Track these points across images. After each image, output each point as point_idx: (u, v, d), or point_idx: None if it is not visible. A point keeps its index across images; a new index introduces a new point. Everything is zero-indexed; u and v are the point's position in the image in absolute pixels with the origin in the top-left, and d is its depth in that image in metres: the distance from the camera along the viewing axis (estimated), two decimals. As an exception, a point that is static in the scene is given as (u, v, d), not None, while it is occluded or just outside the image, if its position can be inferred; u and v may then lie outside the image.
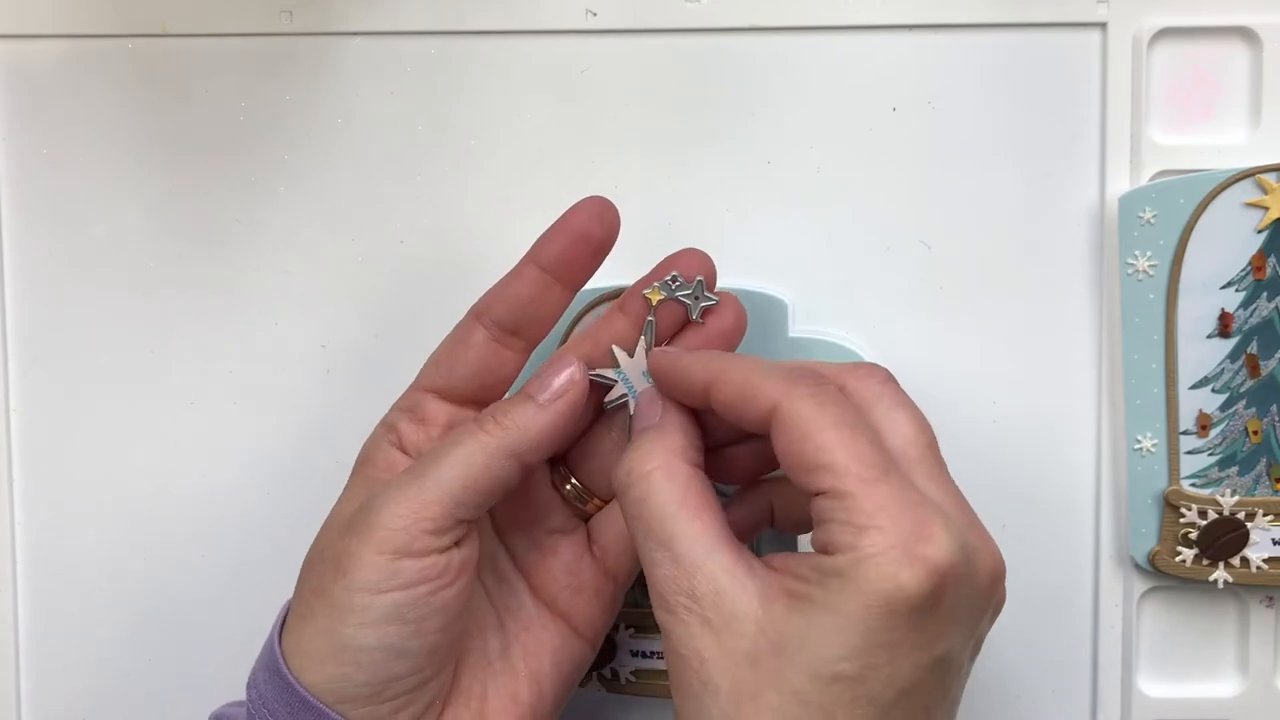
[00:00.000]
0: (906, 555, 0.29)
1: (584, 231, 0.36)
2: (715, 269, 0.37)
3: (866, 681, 0.29)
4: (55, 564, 0.44)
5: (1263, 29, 0.41)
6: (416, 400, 0.37)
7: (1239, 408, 0.42)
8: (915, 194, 0.42)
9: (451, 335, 0.37)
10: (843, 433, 0.31)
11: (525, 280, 0.36)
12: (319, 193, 0.43)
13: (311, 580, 0.35)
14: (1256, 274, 0.41)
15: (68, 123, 0.43)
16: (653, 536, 0.32)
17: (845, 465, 0.30)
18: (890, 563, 0.29)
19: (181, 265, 0.43)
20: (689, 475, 0.33)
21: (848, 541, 0.30)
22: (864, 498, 0.30)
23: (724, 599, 0.31)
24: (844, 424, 0.31)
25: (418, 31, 0.42)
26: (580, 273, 0.36)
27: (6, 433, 0.44)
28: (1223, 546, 0.42)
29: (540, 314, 0.37)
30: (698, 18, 0.42)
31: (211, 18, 0.42)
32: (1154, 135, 0.42)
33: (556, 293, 0.36)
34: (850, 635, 0.29)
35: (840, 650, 0.29)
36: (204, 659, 0.44)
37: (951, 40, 0.42)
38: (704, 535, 0.32)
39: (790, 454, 0.31)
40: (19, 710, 0.45)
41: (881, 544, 0.29)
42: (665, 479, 0.32)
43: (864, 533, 0.29)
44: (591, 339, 0.37)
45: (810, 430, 0.31)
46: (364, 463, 0.37)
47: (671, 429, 0.34)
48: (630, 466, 0.33)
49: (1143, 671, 0.44)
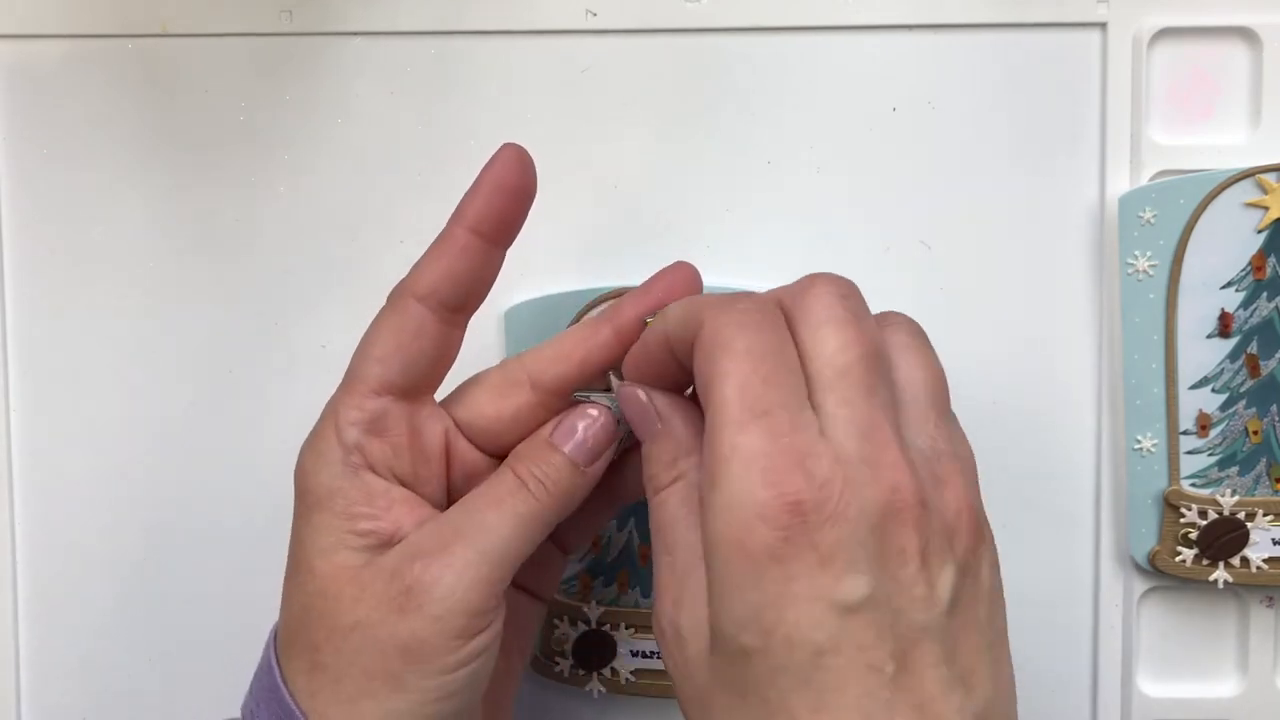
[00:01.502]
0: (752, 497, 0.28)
1: (506, 182, 0.34)
2: (702, 283, 0.36)
3: (769, 651, 0.28)
4: (55, 564, 0.44)
5: (1263, 29, 0.41)
6: (372, 410, 0.34)
7: (1239, 408, 0.42)
8: (915, 194, 0.42)
9: (389, 323, 0.34)
10: (743, 362, 0.29)
11: (457, 247, 0.34)
12: (319, 193, 0.43)
13: (360, 660, 0.32)
14: (1256, 274, 0.41)
15: (68, 123, 0.43)
16: (662, 542, 0.32)
17: (727, 401, 0.29)
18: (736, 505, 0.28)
19: (181, 265, 0.43)
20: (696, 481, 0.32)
21: (707, 488, 0.29)
22: (727, 444, 0.28)
23: (698, 607, 0.30)
24: (752, 352, 0.29)
25: (418, 31, 0.42)
26: (511, 227, 0.35)
27: (6, 433, 0.44)
28: (1223, 546, 0.42)
29: (479, 282, 0.35)
30: (698, 18, 0.42)
31: (211, 18, 0.42)
32: (1154, 135, 0.42)
33: (492, 255, 0.35)
34: (733, 601, 0.28)
35: (736, 619, 0.28)
36: (204, 659, 0.44)
37: (951, 40, 0.42)
38: (697, 545, 0.31)
39: (699, 376, 0.30)
40: (19, 710, 0.45)
41: (729, 495, 0.28)
42: (684, 488, 0.32)
43: (715, 485, 0.29)
44: (573, 358, 0.35)
45: (715, 355, 0.29)
46: (330, 495, 0.33)
47: (679, 431, 0.33)
48: (654, 478, 0.33)
49: (1143, 671, 0.44)
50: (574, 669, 0.42)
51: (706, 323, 0.30)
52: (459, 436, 0.36)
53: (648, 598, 0.42)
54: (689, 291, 0.35)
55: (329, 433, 0.34)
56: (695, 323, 0.31)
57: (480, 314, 0.42)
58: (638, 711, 0.44)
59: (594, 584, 0.43)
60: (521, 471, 0.34)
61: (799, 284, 0.31)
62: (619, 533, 0.42)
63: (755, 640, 0.28)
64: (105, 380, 0.44)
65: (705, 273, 0.42)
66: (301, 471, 0.34)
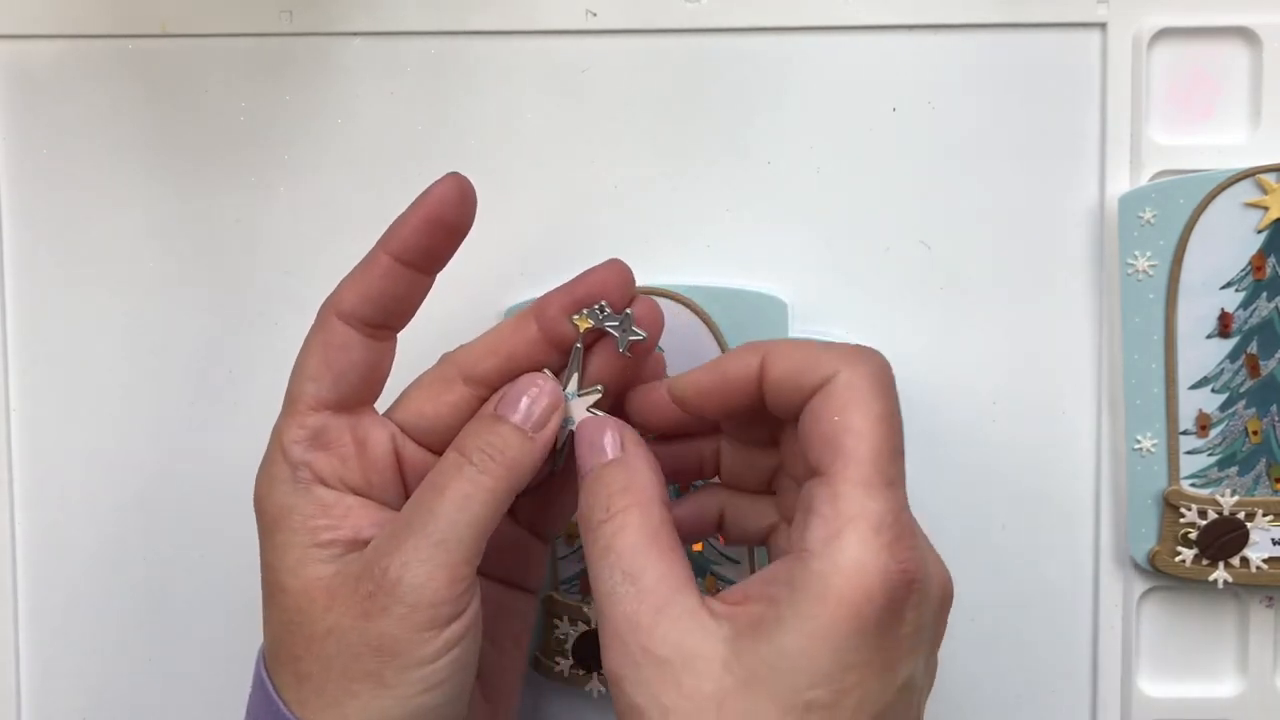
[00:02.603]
0: (878, 566, 0.29)
1: (439, 217, 0.34)
2: (634, 283, 0.36)
3: (838, 709, 0.29)
4: (55, 564, 0.44)
5: (1263, 29, 0.41)
6: (312, 427, 0.34)
7: (1239, 408, 0.42)
8: (915, 194, 0.42)
9: (316, 342, 0.35)
10: (880, 428, 0.30)
11: (380, 272, 0.34)
12: (319, 193, 0.43)
13: (337, 664, 0.33)
14: (1256, 274, 0.41)
15: (68, 123, 0.43)
16: (619, 570, 0.31)
17: (862, 460, 0.30)
18: (860, 572, 0.29)
19: (181, 265, 0.43)
20: (661, 517, 0.32)
21: (822, 540, 0.29)
22: (856, 500, 0.29)
23: (688, 639, 0.30)
24: (887, 419, 0.30)
25: (418, 31, 0.42)
26: (438, 259, 0.35)
27: (6, 433, 0.44)
28: (1222, 546, 0.42)
29: (404, 304, 0.35)
30: (698, 18, 0.42)
31: (211, 18, 0.42)
32: (1154, 135, 0.42)
33: (417, 280, 0.35)
34: (819, 657, 0.29)
35: (811, 676, 0.29)
36: (204, 659, 0.44)
37: (951, 40, 0.42)
38: (672, 575, 0.31)
39: (821, 422, 0.30)
40: (19, 710, 0.45)
41: (853, 553, 0.29)
42: (640, 516, 0.32)
43: (840, 535, 0.29)
44: (500, 352, 0.35)
45: (855, 409, 0.30)
46: (286, 513, 0.34)
47: (639, 464, 0.34)
48: (607, 504, 0.32)
49: (1143, 671, 0.44)
50: (574, 669, 0.42)
51: (843, 372, 0.31)
52: (406, 440, 0.36)
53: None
54: (620, 289, 0.35)
55: (276, 455, 0.35)
56: (825, 369, 0.31)
57: (480, 314, 0.42)
58: (638, 711, 0.44)
59: (594, 584, 0.43)
60: (465, 447, 0.34)
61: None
62: (619, 533, 0.42)
63: (827, 697, 0.29)
64: (105, 380, 0.44)
65: (705, 273, 0.42)
66: (257, 497, 0.35)
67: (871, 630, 0.29)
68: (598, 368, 0.36)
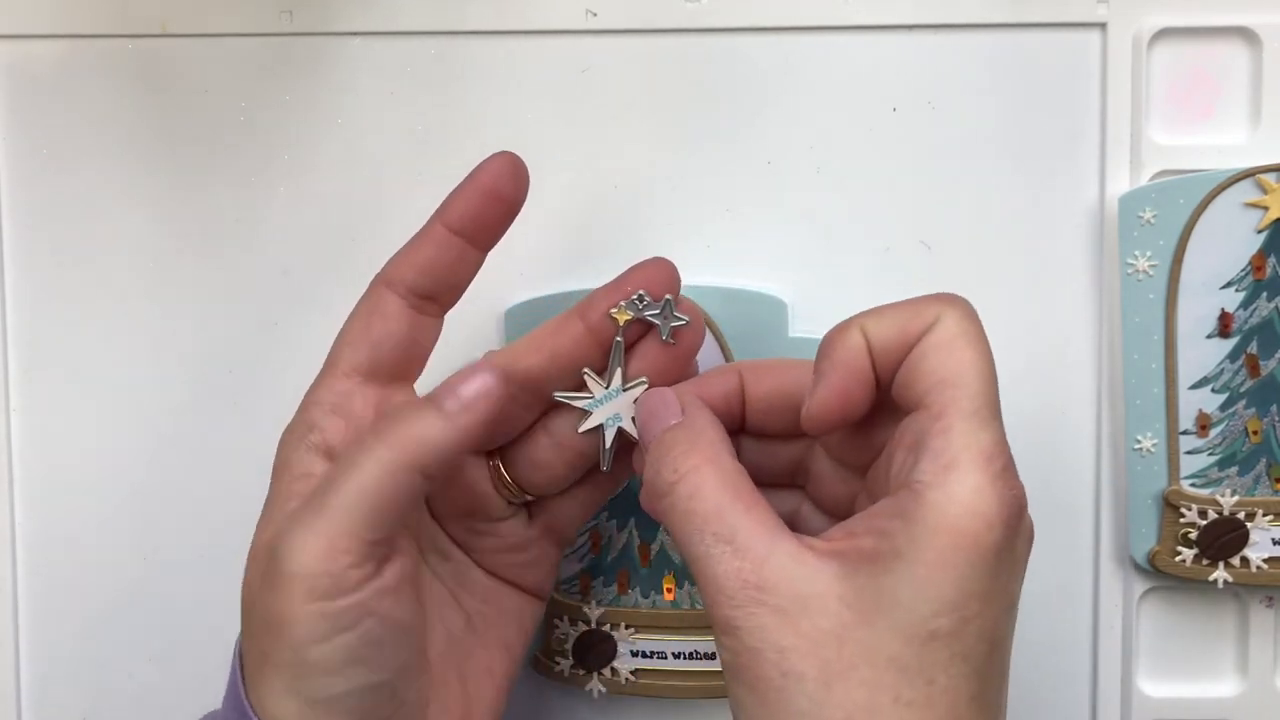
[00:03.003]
0: (995, 494, 0.29)
1: (494, 189, 0.34)
2: (680, 280, 0.36)
3: (962, 636, 0.29)
4: (55, 563, 0.44)
5: (1263, 29, 0.41)
6: (340, 391, 0.34)
7: (1239, 408, 0.42)
8: (915, 194, 0.42)
9: (361, 309, 0.35)
10: (986, 361, 0.31)
11: (435, 242, 0.34)
12: (319, 193, 0.43)
13: (254, 643, 0.33)
14: (1256, 274, 0.41)
15: (68, 123, 0.43)
16: (709, 532, 0.30)
17: (974, 394, 0.30)
18: (979, 500, 0.29)
19: (181, 265, 0.43)
20: (734, 468, 0.32)
21: (935, 472, 0.29)
22: (969, 432, 0.30)
23: (798, 583, 0.29)
24: (988, 355, 0.31)
25: (418, 31, 0.42)
26: (492, 233, 0.35)
27: (6, 433, 0.44)
28: (1223, 546, 0.42)
29: (455, 278, 0.35)
30: (698, 18, 0.42)
31: (211, 18, 0.42)
32: (1154, 135, 0.42)
33: (469, 254, 0.35)
34: (943, 586, 0.29)
35: (934, 604, 0.28)
36: (203, 658, 0.44)
37: (951, 40, 0.42)
38: (763, 525, 0.30)
39: (929, 359, 0.31)
40: (19, 710, 0.45)
41: (971, 482, 0.29)
42: (714, 473, 0.31)
43: (956, 466, 0.29)
44: (544, 349, 0.35)
45: (959, 345, 0.31)
46: (281, 467, 0.34)
47: (704, 423, 0.33)
48: (675, 464, 0.32)
49: (1143, 671, 0.44)
50: (574, 669, 0.42)
51: (947, 314, 0.31)
52: None
53: (647, 597, 0.42)
54: (665, 287, 0.35)
55: (300, 412, 0.35)
56: (928, 315, 0.32)
57: (481, 314, 0.42)
58: (638, 711, 0.44)
59: (594, 584, 0.43)
60: (381, 425, 0.33)
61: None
62: (619, 533, 0.42)
63: (951, 625, 0.29)
64: (105, 380, 0.44)
65: (705, 273, 0.42)
66: (278, 447, 0.35)
67: (991, 557, 0.29)
68: (639, 363, 0.36)
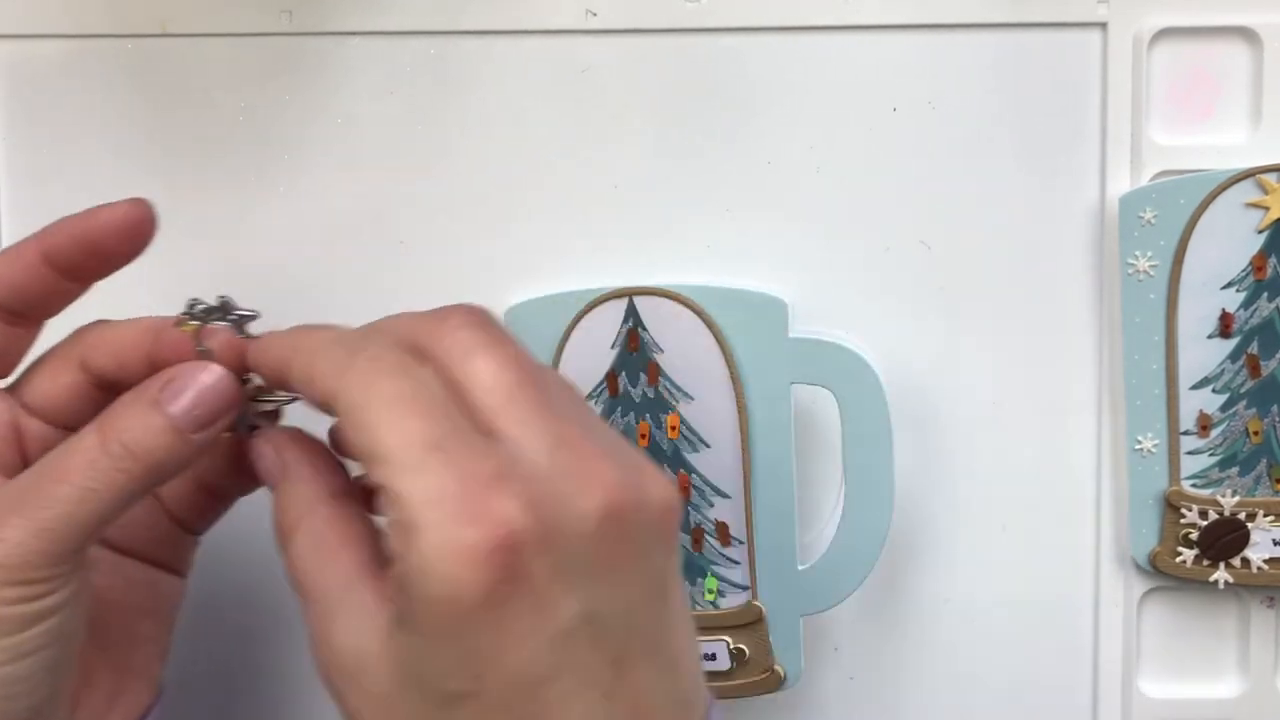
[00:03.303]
0: (455, 548, 0.25)
1: (95, 244, 0.32)
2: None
3: (483, 693, 0.26)
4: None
5: (1263, 29, 0.41)
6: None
7: (1239, 408, 0.42)
8: (915, 194, 0.42)
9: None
10: (393, 410, 0.27)
11: (23, 267, 0.32)
12: (319, 193, 0.43)
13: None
14: (1257, 274, 0.41)
15: (68, 123, 0.43)
16: (300, 590, 0.29)
17: (390, 450, 0.26)
18: (440, 563, 0.25)
19: (181, 264, 0.43)
20: (326, 515, 0.30)
21: (400, 548, 0.26)
22: (408, 489, 0.26)
23: (360, 641, 0.28)
24: (398, 398, 0.27)
25: (418, 31, 0.42)
26: (90, 276, 0.33)
27: (6, 433, 0.44)
28: (1223, 547, 0.42)
29: (46, 301, 0.33)
30: (698, 18, 0.42)
31: (211, 18, 0.42)
32: (1154, 135, 0.42)
33: (63, 285, 0.33)
34: (442, 650, 0.26)
35: (442, 667, 0.26)
36: (202, 658, 0.44)
37: (951, 40, 0.42)
38: (342, 574, 0.29)
39: (353, 447, 0.27)
40: (18, 710, 0.45)
41: (427, 545, 0.26)
42: (305, 531, 0.30)
43: (410, 536, 0.26)
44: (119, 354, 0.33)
45: (361, 415, 0.27)
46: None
47: (297, 468, 0.31)
48: (277, 524, 0.31)
49: (1143, 672, 0.44)
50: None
51: (340, 394, 0.28)
52: (29, 416, 0.34)
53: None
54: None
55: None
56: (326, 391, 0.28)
57: (480, 314, 0.42)
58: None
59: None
60: (108, 432, 0.31)
61: (429, 321, 0.29)
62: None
63: (466, 685, 0.26)
64: (105, 380, 0.44)
65: (705, 273, 0.42)
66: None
67: (480, 611, 0.26)
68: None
